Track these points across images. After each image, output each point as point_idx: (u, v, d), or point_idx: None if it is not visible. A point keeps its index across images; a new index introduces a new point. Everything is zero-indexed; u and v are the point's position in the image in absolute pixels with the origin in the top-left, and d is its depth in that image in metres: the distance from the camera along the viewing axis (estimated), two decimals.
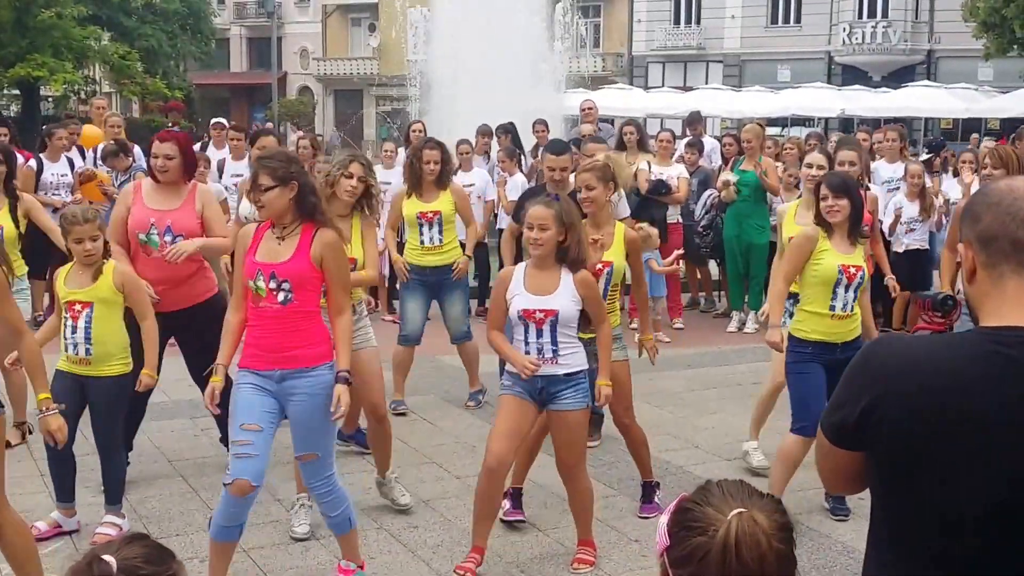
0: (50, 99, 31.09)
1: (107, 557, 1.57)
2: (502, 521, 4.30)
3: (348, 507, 3.70)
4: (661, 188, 8.25)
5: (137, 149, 8.58)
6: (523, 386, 3.83)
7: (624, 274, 4.52)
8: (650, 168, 8.36)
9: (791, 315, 4.88)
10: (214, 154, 9.11)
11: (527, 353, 3.78)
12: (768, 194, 8.20)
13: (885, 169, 8.54)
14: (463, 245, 6.18)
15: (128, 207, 4.62)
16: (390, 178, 8.86)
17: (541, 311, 3.76)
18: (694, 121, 10.30)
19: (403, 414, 5.91)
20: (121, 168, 8.19)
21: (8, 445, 4.13)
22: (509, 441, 3.83)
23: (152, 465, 5.10)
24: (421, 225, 5.83)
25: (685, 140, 9.81)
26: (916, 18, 32.55)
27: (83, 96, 30.16)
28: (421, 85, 15.65)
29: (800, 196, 5.63)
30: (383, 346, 6.05)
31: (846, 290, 4.27)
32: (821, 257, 4.26)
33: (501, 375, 5.73)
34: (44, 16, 25.31)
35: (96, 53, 28.30)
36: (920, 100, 22.87)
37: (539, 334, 3.78)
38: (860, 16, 32.92)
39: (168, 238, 4.54)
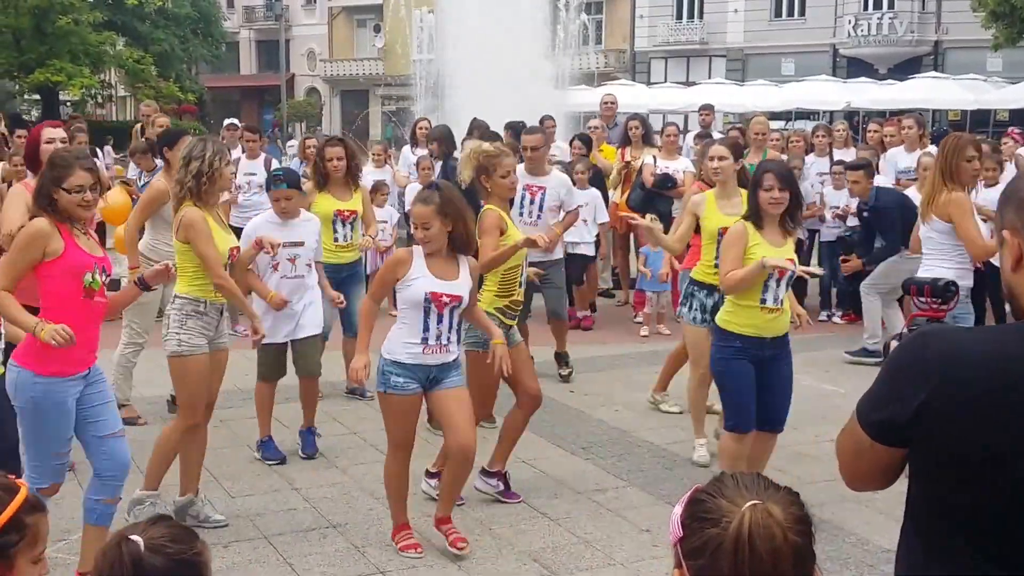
0: (68, 103, 31.58)
1: (135, 537, 1.64)
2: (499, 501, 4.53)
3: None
4: (666, 182, 8.31)
5: None
6: (415, 380, 3.87)
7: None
8: (655, 162, 8.42)
9: (702, 308, 4.97)
10: None
11: (424, 340, 3.85)
12: None
13: (903, 158, 8.52)
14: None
15: None
16: (382, 176, 9.09)
17: (448, 296, 3.83)
18: (706, 110, 10.44)
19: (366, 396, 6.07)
20: (147, 168, 8.20)
21: None
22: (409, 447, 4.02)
23: None
24: (335, 222, 5.89)
25: (696, 132, 9.87)
26: (923, 9, 32.38)
27: (100, 100, 30.60)
28: (425, 84, 15.74)
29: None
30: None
31: (777, 284, 4.16)
32: (753, 251, 4.15)
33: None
34: (62, 23, 25.95)
35: (112, 58, 28.91)
36: (928, 92, 22.74)
37: (440, 319, 3.84)
38: (866, 8, 32.79)
39: None
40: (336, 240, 5.88)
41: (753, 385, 4.22)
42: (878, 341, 7.27)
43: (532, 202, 6.12)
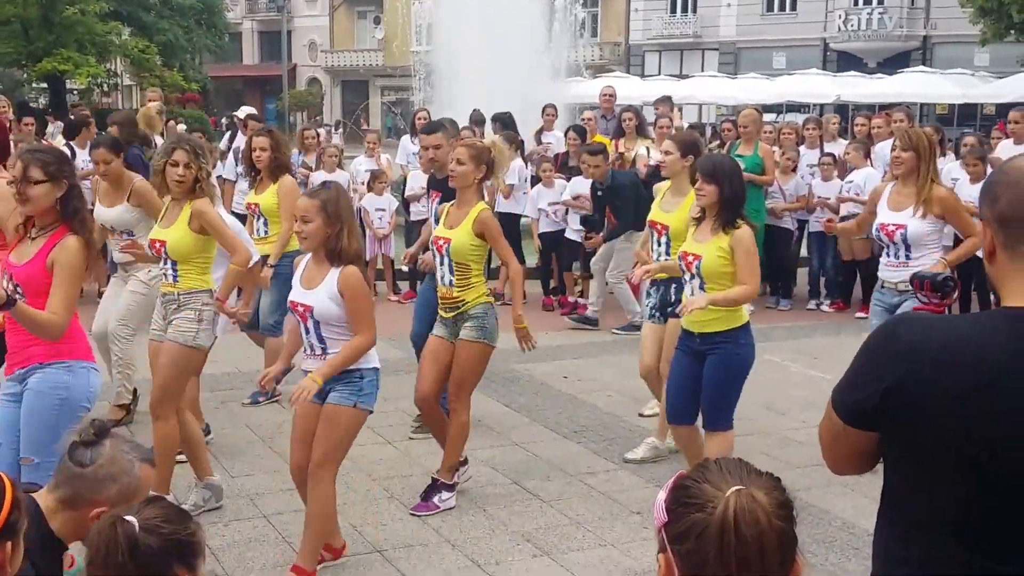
0: (75, 92, 31.77)
1: (129, 518, 1.66)
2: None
3: None
4: (659, 173, 8.39)
5: (159, 139, 8.78)
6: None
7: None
8: (649, 153, 8.50)
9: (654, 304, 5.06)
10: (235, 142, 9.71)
11: (308, 347, 3.66)
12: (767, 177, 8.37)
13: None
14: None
15: None
16: (372, 166, 9.32)
17: (302, 305, 3.62)
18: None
19: (258, 403, 5.83)
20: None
21: None
22: (301, 448, 3.73)
23: None
24: (250, 215, 5.88)
25: (690, 124, 9.85)
26: (912, 4, 32.54)
27: (106, 89, 30.76)
28: (424, 75, 15.81)
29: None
30: (385, 327, 6.22)
31: (693, 279, 4.10)
32: (684, 247, 4.18)
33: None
34: (69, 12, 26.33)
35: (117, 48, 29.27)
36: (916, 86, 22.80)
37: (307, 330, 3.65)
38: (856, 3, 32.93)
39: None
40: (255, 233, 5.78)
41: (684, 377, 4.17)
42: (640, 314, 7.19)
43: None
